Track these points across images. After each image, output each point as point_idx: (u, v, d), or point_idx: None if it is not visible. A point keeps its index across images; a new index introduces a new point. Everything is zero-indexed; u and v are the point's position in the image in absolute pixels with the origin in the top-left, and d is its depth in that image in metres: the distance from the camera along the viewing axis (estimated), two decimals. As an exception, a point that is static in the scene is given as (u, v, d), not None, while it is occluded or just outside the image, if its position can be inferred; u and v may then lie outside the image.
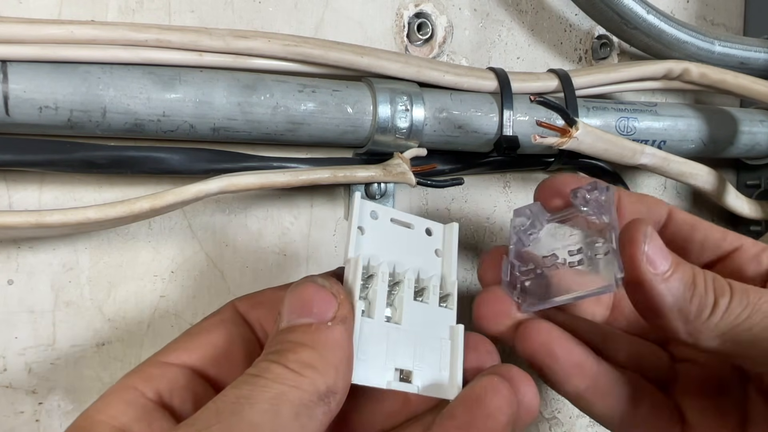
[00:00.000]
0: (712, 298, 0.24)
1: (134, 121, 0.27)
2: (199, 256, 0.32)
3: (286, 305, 0.22)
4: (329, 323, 0.21)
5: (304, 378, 0.20)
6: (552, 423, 0.42)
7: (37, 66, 0.25)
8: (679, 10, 0.46)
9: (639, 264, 0.24)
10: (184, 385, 0.23)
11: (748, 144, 0.42)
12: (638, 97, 0.43)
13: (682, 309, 0.24)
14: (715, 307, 0.24)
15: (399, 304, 0.24)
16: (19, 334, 0.29)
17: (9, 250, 0.29)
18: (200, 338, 0.24)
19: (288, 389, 0.19)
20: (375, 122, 0.31)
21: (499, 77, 0.34)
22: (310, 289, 0.22)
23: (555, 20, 0.41)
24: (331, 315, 0.21)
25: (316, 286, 0.22)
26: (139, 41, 0.27)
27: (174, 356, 0.24)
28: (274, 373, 0.20)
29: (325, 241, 0.35)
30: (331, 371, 0.20)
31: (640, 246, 0.24)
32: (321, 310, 0.21)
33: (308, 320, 0.21)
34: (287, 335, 0.21)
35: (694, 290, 0.24)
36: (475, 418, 0.21)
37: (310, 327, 0.21)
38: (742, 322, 0.24)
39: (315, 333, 0.21)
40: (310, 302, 0.21)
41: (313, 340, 0.20)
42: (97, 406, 0.22)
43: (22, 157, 0.26)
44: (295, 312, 0.21)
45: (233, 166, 0.30)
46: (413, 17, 0.36)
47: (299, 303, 0.21)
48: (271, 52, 0.29)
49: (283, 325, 0.21)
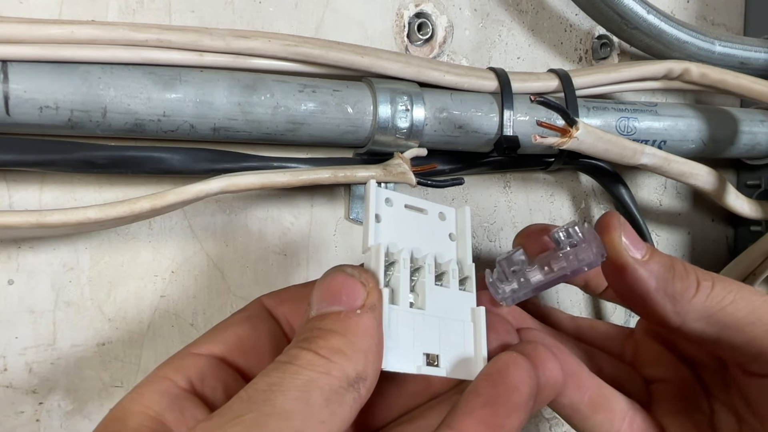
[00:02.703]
0: (694, 279, 0.25)
1: (135, 121, 0.27)
2: (200, 256, 0.32)
3: (315, 294, 0.22)
4: (358, 311, 0.21)
5: (334, 364, 0.20)
6: (552, 423, 0.42)
7: (38, 66, 0.25)
8: (679, 10, 0.46)
9: (618, 248, 0.25)
10: (214, 374, 0.23)
11: (748, 144, 0.42)
12: (638, 97, 0.43)
13: (667, 289, 0.25)
14: (698, 287, 0.25)
15: (421, 290, 0.24)
16: (19, 334, 0.29)
17: (9, 250, 0.29)
18: (228, 331, 0.25)
19: (318, 375, 0.19)
20: (375, 122, 0.31)
21: (499, 77, 0.34)
22: (339, 278, 0.22)
23: (555, 20, 0.41)
24: (360, 303, 0.21)
25: (344, 275, 0.22)
26: (140, 41, 0.27)
27: (203, 348, 0.24)
28: (304, 359, 0.20)
29: (325, 241, 0.35)
30: (361, 357, 0.20)
31: (618, 231, 0.25)
32: (350, 298, 0.21)
33: (337, 308, 0.21)
34: (317, 323, 0.21)
35: (674, 272, 0.25)
36: (499, 392, 0.22)
37: (339, 315, 0.21)
38: (727, 305, 0.25)
39: (344, 320, 0.21)
40: (339, 291, 0.21)
41: (342, 327, 0.21)
42: (131, 397, 0.22)
43: (22, 157, 0.26)
44: (324, 300, 0.22)
45: (233, 166, 0.30)
46: (413, 17, 0.36)
47: (328, 292, 0.22)
48: (271, 52, 0.29)
49: (312, 314, 0.22)
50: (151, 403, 0.21)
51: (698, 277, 0.25)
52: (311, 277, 0.35)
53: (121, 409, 0.21)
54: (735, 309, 0.25)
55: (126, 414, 0.21)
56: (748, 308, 0.25)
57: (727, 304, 0.25)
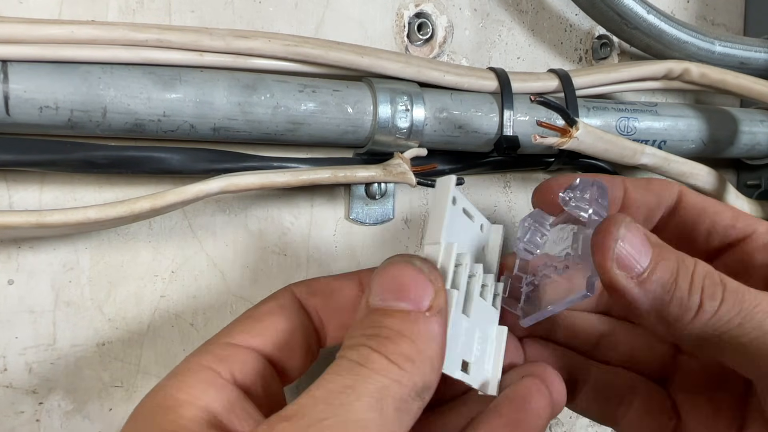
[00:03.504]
0: (697, 300, 0.22)
1: (134, 121, 0.27)
2: (200, 256, 0.32)
3: (378, 282, 0.21)
4: (426, 313, 0.20)
5: (405, 372, 0.19)
6: (552, 423, 0.42)
7: (38, 66, 0.25)
8: (679, 10, 0.46)
9: (608, 272, 0.22)
10: (254, 368, 0.23)
11: (748, 144, 0.42)
12: (638, 97, 0.43)
13: (660, 312, 0.22)
14: (699, 310, 0.22)
15: (469, 297, 0.24)
16: (19, 334, 0.29)
17: (9, 250, 0.29)
18: (264, 323, 0.24)
19: (390, 383, 0.19)
20: (375, 122, 0.31)
21: (499, 77, 0.34)
22: (407, 272, 0.21)
23: (555, 20, 0.41)
24: (428, 303, 0.21)
25: (414, 269, 0.21)
26: (140, 41, 0.27)
27: (241, 339, 0.24)
28: (377, 363, 0.19)
29: (325, 241, 0.35)
30: (428, 367, 0.20)
31: (609, 252, 0.22)
32: (418, 296, 0.21)
33: (405, 306, 0.21)
34: (383, 319, 0.20)
35: (674, 291, 0.22)
36: (521, 417, 0.23)
37: (408, 316, 0.20)
38: (731, 329, 0.22)
39: (414, 323, 0.20)
40: (407, 286, 0.21)
41: (411, 331, 0.20)
42: (176, 385, 0.21)
43: (22, 157, 0.26)
44: (389, 292, 0.21)
45: (233, 166, 0.30)
46: (413, 17, 0.36)
47: (395, 284, 0.21)
48: (271, 52, 0.29)
49: (376, 304, 0.21)
50: (199, 393, 0.21)
51: (704, 296, 0.22)
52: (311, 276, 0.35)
53: (169, 398, 0.21)
54: (740, 332, 0.22)
55: (176, 403, 0.20)
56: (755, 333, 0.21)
57: (731, 327, 0.22)
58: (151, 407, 0.21)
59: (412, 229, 0.37)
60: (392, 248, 0.37)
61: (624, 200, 0.28)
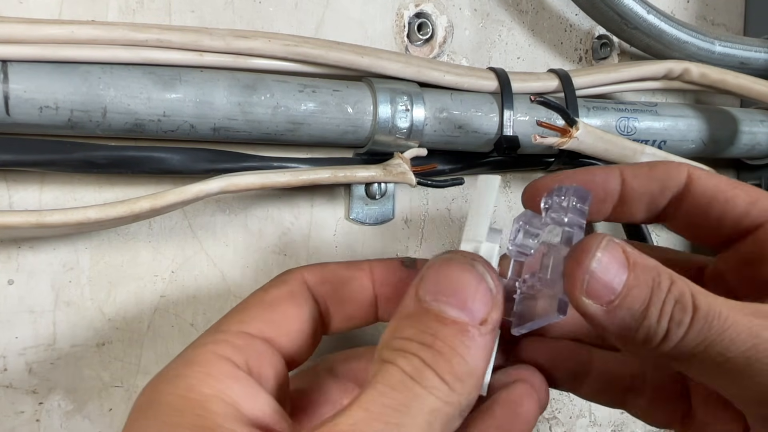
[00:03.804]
0: (664, 327, 0.20)
1: (134, 121, 0.27)
2: (200, 256, 0.32)
3: (434, 278, 0.20)
4: (481, 327, 0.20)
5: (454, 393, 0.19)
6: (552, 423, 0.42)
7: (38, 66, 0.25)
8: (679, 10, 0.46)
9: (575, 299, 0.21)
10: (268, 360, 0.22)
11: (748, 144, 0.42)
12: (638, 97, 0.43)
13: (626, 337, 0.21)
14: (665, 338, 0.21)
15: None
16: (19, 334, 0.29)
17: (9, 250, 0.29)
18: (277, 312, 0.24)
19: (441, 405, 0.19)
20: (375, 122, 0.31)
21: (499, 77, 0.34)
22: (468, 277, 0.20)
23: (555, 20, 0.41)
24: (483, 317, 0.20)
25: (476, 275, 0.20)
26: (140, 41, 0.27)
27: (255, 328, 0.23)
28: (430, 381, 0.19)
29: (325, 241, 0.35)
30: (474, 386, 0.20)
31: (579, 283, 0.21)
32: (476, 308, 0.20)
33: (461, 316, 0.20)
34: (437, 327, 0.20)
35: (643, 320, 0.21)
36: (513, 418, 0.23)
37: (464, 330, 0.20)
38: (699, 353, 0.21)
39: (467, 338, 0.19)
40: (466, 294, 0.20)
41: (465, 348, 0.19)
42: (199, 377, 0.20)
43: (22, 157, 0.26)
44: (444, 294, 0.20)
45: (233, 166, 0.30)
46: (413, 17, 0.36)
47: (453, 287, 0.20)
48: (271, 52, 0.29)
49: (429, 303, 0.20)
50: (224, 387, 0.20)
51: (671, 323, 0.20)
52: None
53: (193, 390, 0.20)
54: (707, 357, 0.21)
55: (204, 398, 0.20)
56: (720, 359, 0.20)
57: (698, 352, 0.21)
58: (175, 399, 0.20)
59: (412, 229, 0.37)
60: (392, 248, 0.37)
61: (622, 191, 0.26)
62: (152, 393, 0.20)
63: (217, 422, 0.19)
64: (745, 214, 0.25)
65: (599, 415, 0.44)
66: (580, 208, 0.23)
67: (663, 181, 0.26)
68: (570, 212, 0.23)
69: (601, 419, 0.44)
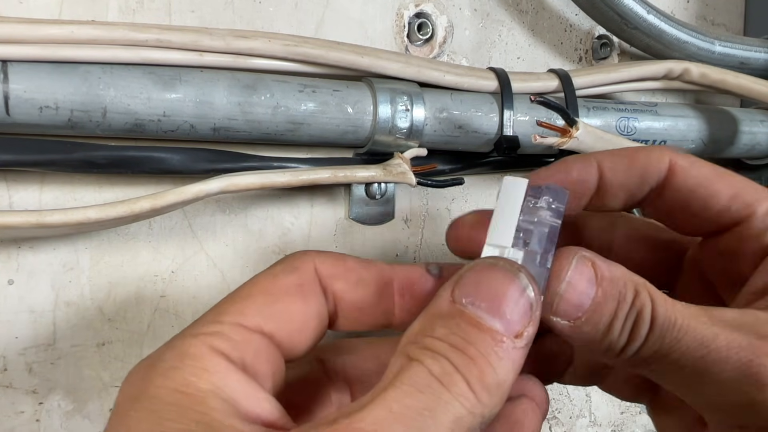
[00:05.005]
0: (625, 339, 0.21)
1: (134, 121, 0.27)
2: (200, 256, 0.32)
3: (474, 280, 0.20)
4: (516, 340, 0.19)
5: (479, 403, 0.18)
6: (552, 423, 0.42)
7: (38, 66, 0.25)
8: (679, 10, 0.46)
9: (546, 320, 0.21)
10: (265, 357, 0.21)
11: (748, 144, 0.42)
12: (638, 97, 0.43)
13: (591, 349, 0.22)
14: (624, 349, 0.21)
15: None
16: (19, 334, 0.29)
17: (9, 250, 0.29)
18: (280, 305, 0.22)
19: (466, 414, 0.18)
20: (375, 122, 0.31)
21: (499, 77, 0.34)
22: (511, 287, 0.19)
23: (555, 20, 0.41)
24: (520, 330, 0.19)
25: (519, 286, 0.19)
26: (140, 41, 0.27)
27: (253, 321, 0.21)
28: (458, 387, 0.18)
29: (325, 241, 0.35)
30: (499, 399, 0.19)
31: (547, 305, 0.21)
32: (513, 320, 0.19)
33: (497, 325, 0.19)
34: (471, 331, 0.19)
35: (606, 336, 0.21)
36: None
37: (498, 337, 0.19)
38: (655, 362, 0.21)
39: (501, 349, 0.19)
40: (506, 303, 0.19)
41: (497, 358, 0.19)
42: (194, 372, 0.19)
43: (22, 157, 0.26)
44: (481, 298, 0.19)
45: (233, 166, 0.30)
46: (413, 17, 0.36)
47: (492, 294, 0.19)
48: (271, 52, 0.29)
49: (465, 305, 0.19)
50: (220, 383, 0.19)
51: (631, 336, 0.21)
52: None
53: (188, 384, 0.19)
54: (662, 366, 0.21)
55: (201, 393, 0.19)
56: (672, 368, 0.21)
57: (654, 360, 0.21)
58: (170, 394, 0.19)
59: (412, 229, 0.37)
60: (392, 248, 0.37)
61: (599, 185, 0.25)
62: (143, 384, 0.19)
63: (217, 419, 0.18)
64: (726, 209, 0.24)
65: (599, 415, 0.44)
66: (556, 208, 0.23)
67: (643, 172, 0.25)
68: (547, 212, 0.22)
69: (601, 419, 0.44)
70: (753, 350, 0.20)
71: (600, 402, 0.44)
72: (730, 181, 0.24)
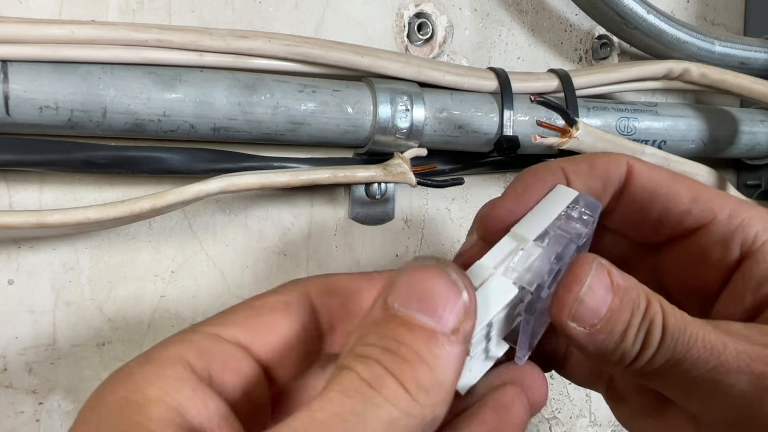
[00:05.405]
0: (638, 348, 0.21)
1: (135, 121, 0.27)
2: (200, 256, 0.32)
3: (405, 283, 0.19)
4: (451, 336, 0.18)
5: (417, 404, 0.18)
6: (552, 423, 0.42)
7: (38, 66, 0.25)
8: (679, 10, 0.46)
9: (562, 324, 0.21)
10: (236, 368, 0.21)
11: (748, 144, 0.42)
12: (638, 97, 0.43)
13: (602, 357, 0.21)
14: (636, 358, 0.21)
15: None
16: (19, 334, 0.29)
17: (9, 250, 0.29)
18: (262, 319, 0.22)
19: (401, 416, 0.17)
20: (375, 122, 0.31)
21: (499, 77, 0.34)
22: (439, 282, 0.19)
23: (555, 20, 0.41)
24: (455, 325, 0.19)
25: (448, 280, 0.19)
26: (140, 41, 0.27)
27: (230, 332, 0.21)
28: (389, 389, 0.17)
29: (325, 241, 0.35)
30: (441, 398, 0.18)
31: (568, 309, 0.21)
32: (446, 314, 0.19)
33: (429, 322, 0.18)
34: (403, 333, 0.18)
35: (619, 345, 0.21)
36: (504, 423, 0.22)
37: (431, 335, 0.18)
38: (664, 372, 0.21)
39: (436, 346, 0.18)
40: (436, 299, 0.19)
41: (432, 355, 0.18)
42: (147, 377, 0.19)
43: (22, 157, 0.26)
44: (414, 301, 0.19)
45: (233, 166, 0.30)
46: (413, 17, 0.36)
47: (421, 292, 0.19)
48: (271, 52, 0.29)
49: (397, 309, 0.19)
50: (171, 390, 0.19)
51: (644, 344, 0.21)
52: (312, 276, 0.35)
53: (138, 392, 0.18)
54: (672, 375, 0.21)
55: (146, 400, 0.18)
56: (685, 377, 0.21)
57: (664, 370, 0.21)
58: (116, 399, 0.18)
59: (412, 229, 0.37)
60: (392, 248, 0.37)
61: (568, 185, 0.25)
62: (102, 390, 0.19)
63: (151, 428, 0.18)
64: (687, 213, 0.24)
65: (599, 415, 0.44)
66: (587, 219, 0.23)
67: (604, 176, 0.24)
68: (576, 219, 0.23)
69: (601, 419, 0.44)
70: (765, 361, 0.20)
71: (600, 402, 0.44)
72: (690, 184, 0.24)
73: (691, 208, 0.24)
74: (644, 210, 0.24)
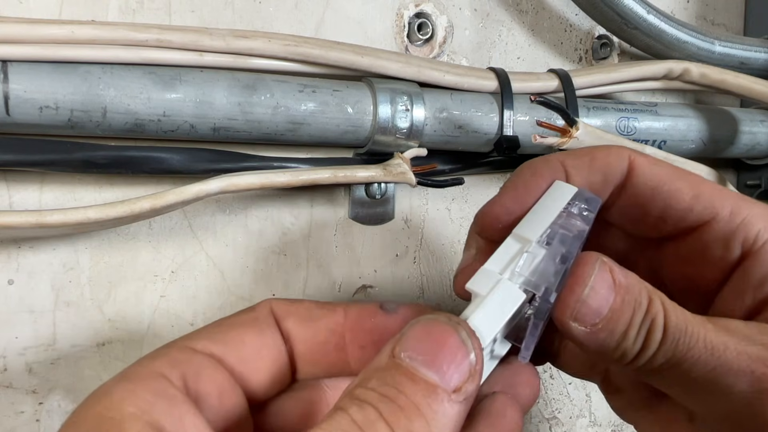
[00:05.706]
0: (639, 346, 0.21)
1: (135, 121, 0.27)
2: (200, 256, 0.32)
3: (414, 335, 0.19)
4: (453, 394, 0.18)
5: None
6: (552, 423, 0.42)
7: (38, 66, 0.25)
8: (679, 10, 0.46)
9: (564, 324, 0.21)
10: (210, 376, 0.21)
11: (748, 144, 0.42)
12: (639, 97, 0.43)
13: (603, 355, 0.21)
14: (637, 356, 0.21)
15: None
16: (19, 334, 0.29)
17: (9, 250, 0.29)
18: (232, 332, 0.23)
19: None
20: (375, 122, 0.31)
21: (499, 77, 0.34)
22: (449, 339, 0.19)
23: (555, 20, 0.41)
24: (458, 384, 0.19)
25: (457, 338, 0.19)
26: (140, 41, 0.27)
27: (201, 344, 0.22)
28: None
29: (325, 241, 0.35)
30: None
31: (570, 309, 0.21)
32: (450, 372, 0.19)
33: (432, 376, 0.18)
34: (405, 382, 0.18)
35: (620, 343, 0.21)
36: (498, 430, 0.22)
37: (433, 390, 0.18)
38: (665, 371, 0.21)
39: (435, 401, 0.18)
40: (443, 356, 0.19)
41: (430, 411, 0.18)
42: (123, 394, 0.19)
43: (22, 157, 0.26)
44: (421, 353, 0.19)
45: (233, 166, 0.30)
46: (413, 17, 0.36)
47: (430, 346, 0.19)
48: (271, 52, 0.29)
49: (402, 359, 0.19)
50: (146, 405, 0.19)
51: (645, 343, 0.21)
52: (311, 276, 0.35)
53: (113, 409, 0.19)
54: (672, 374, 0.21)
55: (121, 416, 0.18)
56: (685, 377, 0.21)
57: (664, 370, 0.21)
58: (93, 416, 0.19)
59: (412, 229, 0.37)
60: (392, 248, 0.37)
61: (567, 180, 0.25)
62: (81, 408, 0.19)
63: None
64: (689, 210, 0.23)
65: (599, 415, 0.44)
66: (587, 216, 0.23)
67: (605, 170, 0.24)
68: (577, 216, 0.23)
69: (601, 419, 0.44)
70: (765, 362, 0.20)
71: (600, 402, 0.44)
72: (692, 180, 0.24)
73: (693, 205, 0.23)
74: (645, 206, 0.24)
